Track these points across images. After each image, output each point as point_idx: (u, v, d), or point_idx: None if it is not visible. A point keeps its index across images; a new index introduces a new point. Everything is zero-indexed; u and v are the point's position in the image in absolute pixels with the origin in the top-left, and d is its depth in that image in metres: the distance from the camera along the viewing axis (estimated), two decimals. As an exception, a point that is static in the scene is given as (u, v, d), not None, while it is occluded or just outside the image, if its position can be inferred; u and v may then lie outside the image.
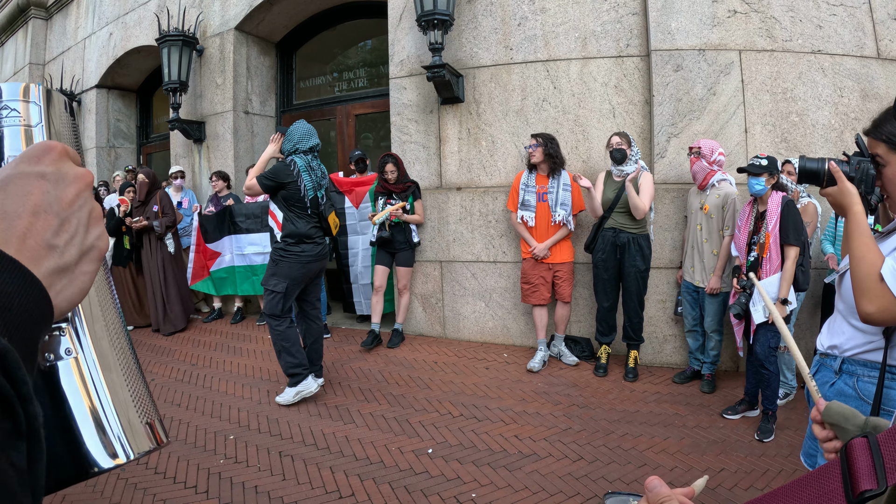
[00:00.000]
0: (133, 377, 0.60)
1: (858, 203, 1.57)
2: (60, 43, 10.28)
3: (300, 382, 4.30)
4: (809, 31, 4.88)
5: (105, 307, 0.60)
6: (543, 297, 4.94)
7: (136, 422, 0.58)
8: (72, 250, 0.47)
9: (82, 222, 0.48)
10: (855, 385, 1.62)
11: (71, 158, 0.50)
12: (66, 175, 0.48)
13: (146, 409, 0.60)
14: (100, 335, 0.57)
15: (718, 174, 4.33)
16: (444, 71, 5.26)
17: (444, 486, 3.16)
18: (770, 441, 3.60)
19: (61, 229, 0.46)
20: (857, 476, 0.57)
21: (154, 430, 0.60)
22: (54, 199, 0.46)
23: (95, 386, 0.55)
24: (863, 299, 1.47)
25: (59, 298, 0.45)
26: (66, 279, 0.46)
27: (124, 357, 0.60)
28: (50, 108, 0.59)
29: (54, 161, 0.48)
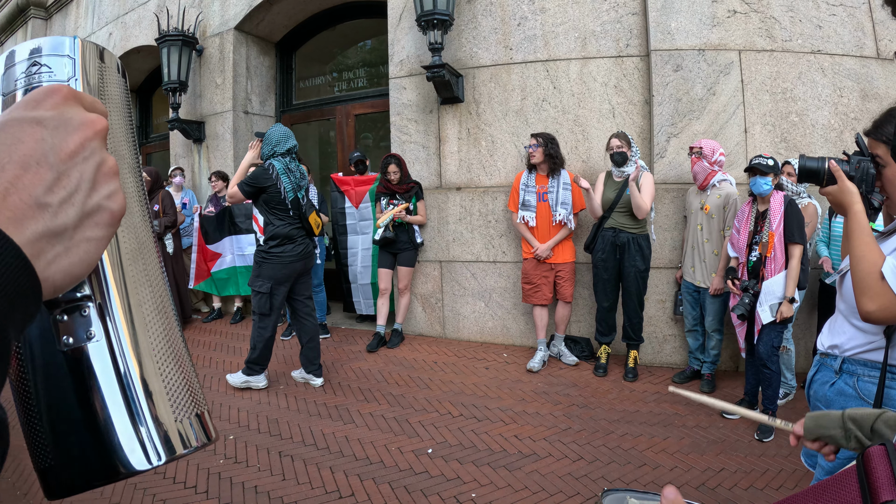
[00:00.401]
0: (176, 363, 0.53)
1: (859, 202, 1.57)
2: (60, 43, 10.26)
3: (252, 375, 4.64)
4: (809, 31, 4.88)
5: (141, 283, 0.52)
6: (545, 297, 4.94)
7: (174, 418, 0.51)
8: (69, 210, 0.39)
9: (86, 177, 0.40)
10: (855, 385, 1.62)
11: (82, 103, 0.43)
12: (68, 121, 0.40)
13: (188, 401, 0.53)
14: (136, 314, 0.50)
15: (719, 174, 4.33)
16: (444, 71, 5.26)
17: (443, 485, 3.16)
18: (770, 441, 3.61)
19: (56, 185, 0.38)
20: (877, 486, 0.55)
21: (204, 421, 0.54)
22: (50, 149, 0.39)
23: (124, 377, 0.48)
24: (863, 298, 1.47)
25: (51, 269, 0.38)
26: (60, 246, 0.38)
27: (167, 340, 0.53)
28: (90, 63, 0.52)
29: (56, 105, 0.41)
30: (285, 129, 4.51)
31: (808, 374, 1.84)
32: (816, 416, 1.15)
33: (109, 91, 0.54)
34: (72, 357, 0.47)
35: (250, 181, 4.32)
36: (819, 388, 1.75)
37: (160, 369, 0.51)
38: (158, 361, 0.51)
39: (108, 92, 0.54)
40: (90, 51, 0.52)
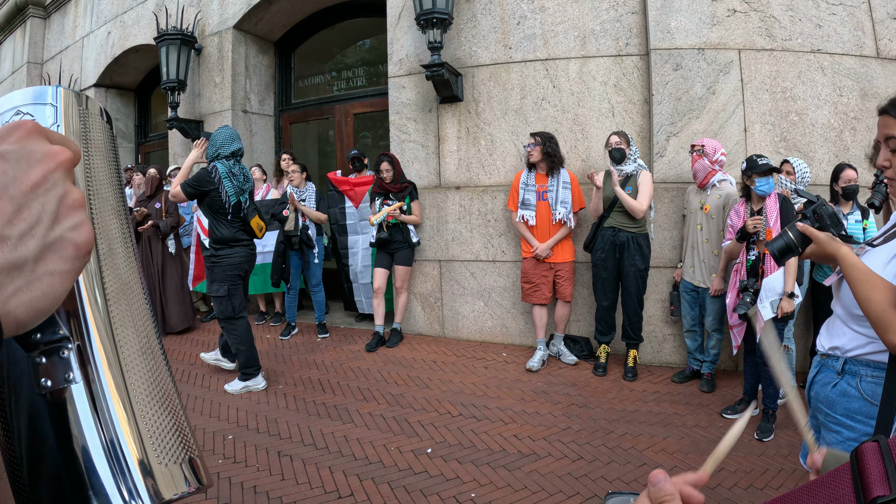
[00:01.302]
0: (163, 405, 0.52)
1: (840, 244, 1.58)
2: (58, 42, 10.26)
3: (249, 379, 4.64)
4: (809, 31, 4.88)
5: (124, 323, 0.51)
6: (545, 296, 4.93)
7: (158, 462, 0.49)
8: (29, 243, 0.38)
9: (48, 209, 0.39)
10: (858, 385, 1.61)
11: (46, 137, 0.42)
12: (31, 153, 0.40)
13: (178, 444, 0.51)
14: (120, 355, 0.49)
15: (719, 174, 4.32)
16: (443, 70, 5.25)
17: (443, 485, 3.15)
18: (769, 440, 3.60)
19: (16, 217, 0.38)
20: (869, 481, 0.56)
21: (195, 467, 0.52)
22: (11, 181, 0.38)
23: (106, 419, 0.47)
24: (887, 335, 1.44)
25: (11, 303, 0.37)
26: (21, 280, 0.37)
27: (154, 380, 0.52)
28: (71, 109, 0.53)
29: (20, 139, 0.40)
30: (231, 132, 4.56)
31: (809, 375, 1.83)
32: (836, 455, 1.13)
33: (93, 136, 0.55)
34: (51, 400, 0.46)
35: (193, 183, 4.34)
36: (821, 390, 1.74)
37: (144, 413, 0.49)
38: (143, 405, 0.50)
39: (92, 137, 0.54)
40: (72, 98, 0.54)
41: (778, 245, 1.71)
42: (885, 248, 1.56)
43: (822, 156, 4.86)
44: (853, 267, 1.54)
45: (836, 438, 1.67)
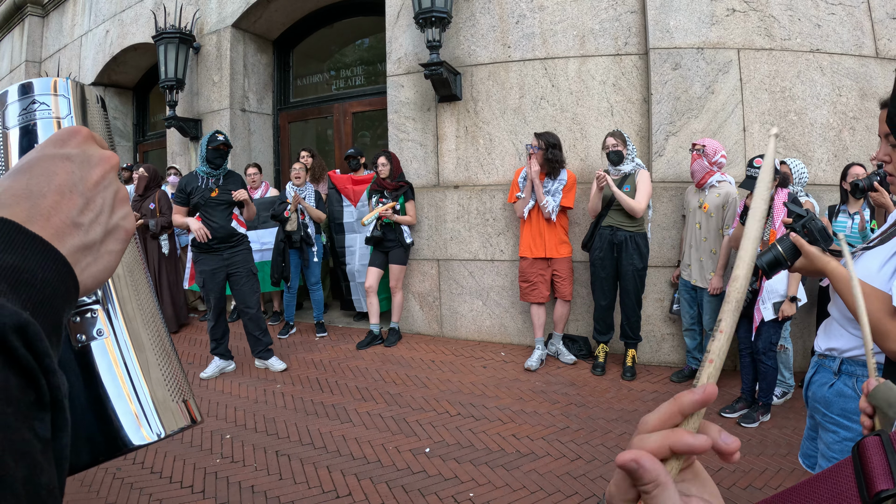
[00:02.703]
0: (166, 356, 0.62)
1: (829, 258, 1.58)
2: (57, 40, 10.24)
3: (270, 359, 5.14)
4: (808, 30, 4.87)
5: (138, 288, 0.62)
6: (542, 294, 4.92)
7: (168, 400, 0.59)
8: (97, 229, 0.48)
9: (107, 202, 0.50)
10: (854, 386, 1.61)
11: (96, 142, 0.51)
12: (91, 157, 0.49)
13: (180, 387, 0.62)
14: (132, 316, 0.59)
15: (717, 175, 4.31)
16: (442, 69, 5.24)
17: (441, 485, 3.15)
18: (752, 428, 3.70)
19: (86, 208, 0.47)
20: (872, 476, 0.56)
21: (188, 407, 0.62)
22: (79, 180, 0.48)
23: (128, 365, 0.57)
24: (885, 342, 1.44)
25: (84, 275, 0.46)
26: (90, 257, 0.47)
27: (157, 337, 0.62)
28: (79, 101, 0.62)
29: (80, 144, 0.49)
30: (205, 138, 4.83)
31: (807, 375, 1.83)
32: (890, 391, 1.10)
33: (94, 123, 0.63)
34: (80, 352, 0.55)
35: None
36: (818, 390, 1.74)
37: (157, 360, 0.60)
38: (155, 354, 0.60)
39: (93, 124, 0.63)
40: (78, 90, 0.62)
41: (767, 259, 1.72)
42: (879, 251, 1.55)
43: (821, 155, 4.86)
44: (843, 281, 1.55)
45: (833, 438, 1.67)
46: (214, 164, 4.73)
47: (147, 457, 3.53)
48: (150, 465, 3.43)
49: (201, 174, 4.75)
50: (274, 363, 5.11)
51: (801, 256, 1.65)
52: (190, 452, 3.60)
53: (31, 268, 0.40)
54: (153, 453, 3.57)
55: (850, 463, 0.59)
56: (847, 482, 0.58)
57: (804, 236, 1.64)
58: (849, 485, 0.57)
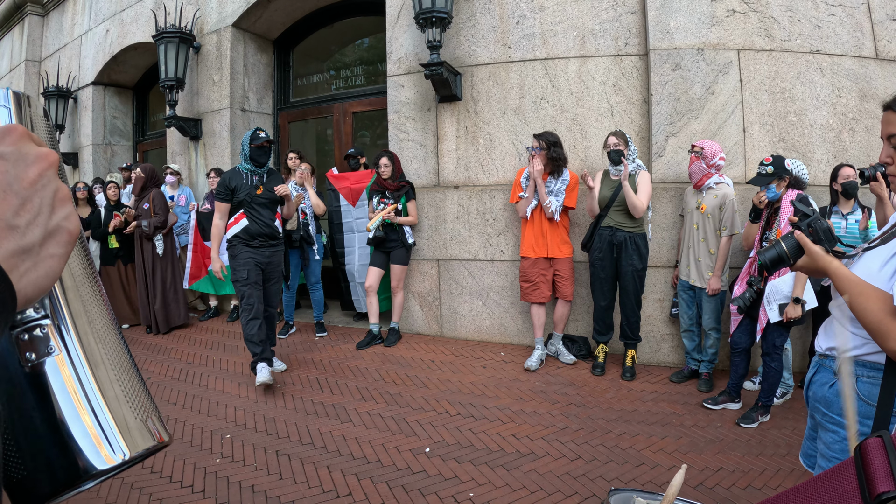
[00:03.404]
0: (125, 373, 0.58)
1: (832, 258, 1.58)
2: (57, 39, 10.24)
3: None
4: (808, 31, 4.88)
5: (89, 301, 0.58)
6: (544, 294, 4.93)
7: (131, 419, 0.56)
8: (35, 231, 0.45)
9: (46, 202, 0.46)
10: (855, 386, 1.61)
11: (33, 141, 0.48)
12: (26, 155, 0.46)
13: (142, 405, 0.58)
14: (85, 331, 0.55)
15: (715, 177, 4.32)
16: (442, 69, 5.24)
17: (441, 485, 3.15)
18: (751, 428, 3.71)
19: (22, 209, 0.44)
20: (874, 478, 0.56)
21: (153, 426, 0.58)
22: (14, 179, 0.44)
23: (83, 384, 0.53)
24: (887, 342, 1.44)
25: (22, 282, 0.43)
26: (29, 262, 0.44)
27: (115, 353, 0.58)
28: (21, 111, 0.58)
29: (14, 141, 0.46)
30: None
31: (807, 375, 1.83)
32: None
33: (38, 133, 0.59)
34: (31, 373, 0.51)
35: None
36: (818, 390, 1.74)
37: (116, 377, 0.56)
38: (113, 371, 0.56)
39: (38, 134, 0.58)
40: (20, 100, 0.58)
41: (770, 255, 1.72)
42: (880, 251, 1.56)
43: (821, 156, 4.86)
44: (845, 280, 1.55)
45: (833, 438, 1.68)
46: (258, 161, 4.64)
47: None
48: (150, 465, 3.43)
49: (244, 171, 4.64)
50: (276, 365, 5.00)
51: (804, 255, 1.65)
52: (190, 452, 3.60)
53: None
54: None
55: (851, 464, 0.59)
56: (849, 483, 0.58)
57: (809, 235, 1.64)
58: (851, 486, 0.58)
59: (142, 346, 6.02)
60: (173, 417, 4.15)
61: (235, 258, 4.64)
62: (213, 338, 6.24)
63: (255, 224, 4.61)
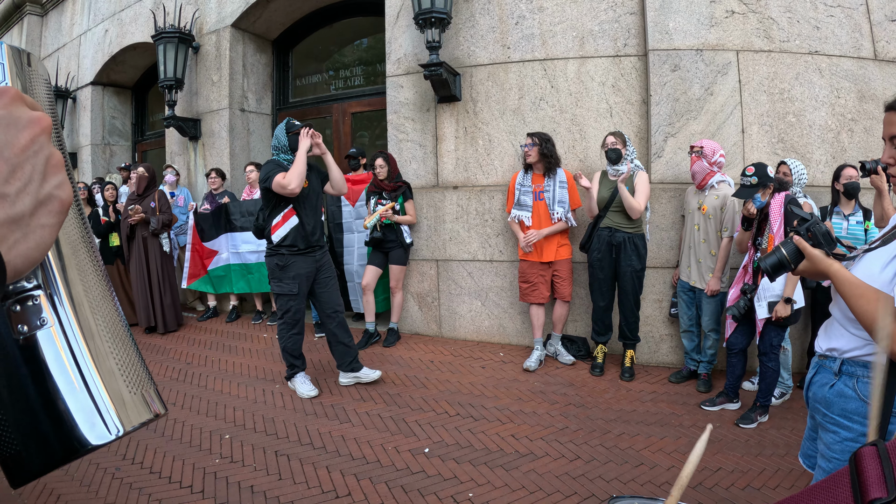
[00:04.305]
0: (121, 345, 0.57)
1: (832, 261, 1.59)
2: (56, 39, 10.23)
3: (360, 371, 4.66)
4: (807, 32, 4.89)
5: (85, 270, 0.56)
6: (543, 295, 4.93)
7: (126, 392, 0.54)
8: (25, 199, 0.42)
9: (38, 169, 0.44)
10: (855, 386, 1.62)
11: (27, 104, 0.46)
12: (18, 119, 0.44)
13: (138, 378, 0.57)
14: (79, 301, 0.53)
15: (717, 175, 4.33)
16: (442, 69, 5.25)
17: (440, 485, 3.15)
18: (750, 429, 3.72)
19: (12, 176, 0.42)
20: (867, 484, 0.57)
21: (148, 400, 0.57)
22: (4, 144, 0.42)
23: (77, 357, 0.52)
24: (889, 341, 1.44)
25: (12, 253, 0.41)
26: (19, 232, 0.42)
27: (110, 324, 0.56)
28: (20, 67, 0.55)
29: (6, 105, 0.44)
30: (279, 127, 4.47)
31: (807, 376, 1.84)
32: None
33: (37, 92, 0.56)
34: (24, 345, 0.50)
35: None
36: (818, 390, 1.75)
37: (111, 350, 0.55)
38: (108, 342, 0.55)
39: (36, 93, 0.56)
40: (17, 56, 0.55)
41: (771, 261, 1.73)
42: (881, 253, 1.56)
43: (820, 157, 4.87)
44: (847, 283, 1.55)
45: (833, 439, 1.68)
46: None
47: (146, 456, 3.53)
48: (149, 465, 3.43)
49: (286, 162, 4.25)
50: (367, 373, 4.61)
51: (804, 259, 1.66)
52: (189, 452, 3.60)
53: None
54: (151, 453, 3.57)
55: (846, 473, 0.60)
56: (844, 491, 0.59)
57: (808, 240, 1.65)
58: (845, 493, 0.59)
59: (140, 347, 5.99)
60: (172, 417, 4.14)
61: (285, 269, 4.27)
62: (211, 338, 6.24)
63: (305, 223, 4.27)
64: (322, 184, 4.51)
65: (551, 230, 4.84)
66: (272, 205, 4.27)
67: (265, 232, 4.37)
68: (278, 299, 4.38)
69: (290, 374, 4.54)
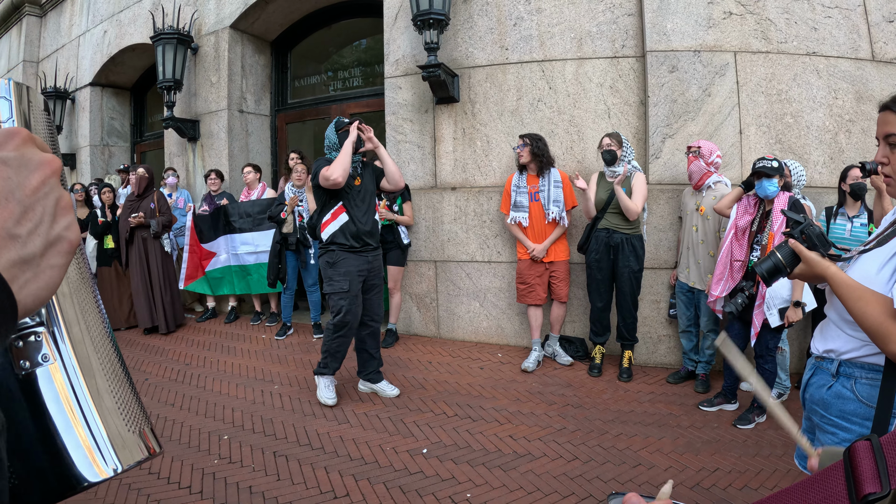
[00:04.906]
0: (119, 383, 0.58)
1: (829, 264, 1.59)
2: (55, 40, 10.23)
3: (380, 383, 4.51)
4: (804, 33, 4.90)
5: (85, 309, 0.57)
6: (540, 296, 4.94)
7: (123, 430, 0.55)
8: (36, 241, 0.43)
9: (48, 211, 0.45)
10: (853, 387, 1.62)
11: (37, 145, 0.47)
12: (29, 161, 0.44)
13: (135, 416, 0.58)
14: (80, 339, 0.54)
15: (714, 176, 4.34)
16: (440, 70, 5.25)
17: (438, 486, 3.15)
18: (747, 429, 3.74)
19: (24, 218, 0.43)
20: (861, 479, 0.57)
21: (145, 438, 0.58)
22: (16, 186, 0.43)
23: (77, 394, 0.52)
24: (888, 344, 1.44)
25: (22, 293, 0.42)
26: (30, 272, 0.43)
27: (109, 362, 0.57)
28: (22, 104, 0.57)
29: (18, 146, 0.45)
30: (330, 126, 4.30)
31: (804, 377, 1.84)
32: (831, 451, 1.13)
33: (38, 127, 0.58)
34: (25, 381, 0.51)
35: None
36: (815, 392, 1.75)
37: (109, 387, 0.56)
38: (107, 381, 0.56)
39: (37, 128, 0.58)
40: (21, 92, 0.57)
41: (766, 266, 1.72)
42: (877, 254, 1.56)
43: (817, 158, 4.88)
44: (843, 285, 1.55)
45: (831, 440, 1.68)
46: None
47: (145, 457, 3.53)
48: (148, 466, 3.43)
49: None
50: (384, 389, 4.46)
51: (800, 262, 1.66)
52: (188, 453, 3.61)
53: None
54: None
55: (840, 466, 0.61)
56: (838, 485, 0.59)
57: (803, 242, 1.65)
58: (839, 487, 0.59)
59: (139, 348, 6.02)
60: (171, 419, 4.15)
61: (335, 266, 4.09)
62: (210, 339, 6.24)
63: (356, 220, 4.09)
64: (377, 181, 4.34)
65: (552, 239, 4.86)
66: (322, 202, 4.16)
67: (316, 230, 4.24)
68: (330, 299, 4.18)
69: (320, 372, 4.34)
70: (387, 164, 4.23)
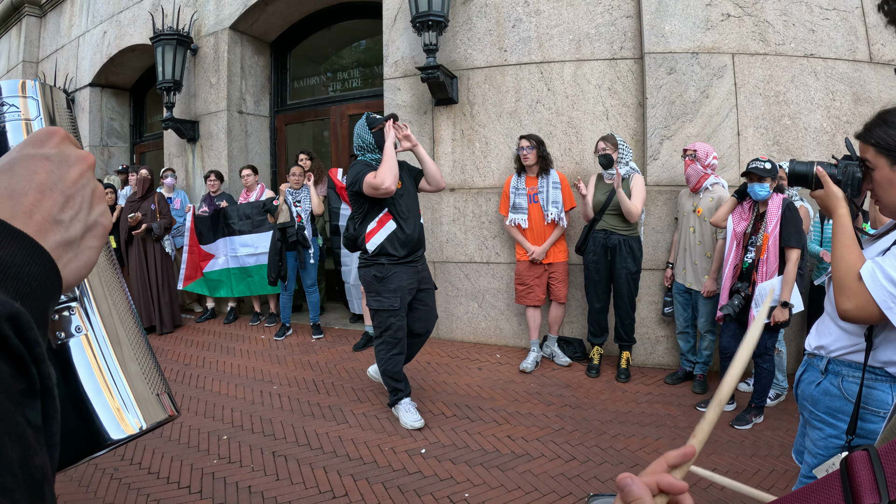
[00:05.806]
0: (142, 352, 0.64)
1: (844, 206, 1.61)
2: (54, 41, 10.23)
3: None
4: (802, 35, 4.91)
5: (111, 286, 0.63)
6: (538, 297, 4.95)
7: (147, 394, 0.61)
8: (77, 225, 0.50)
9: (86, 199, 0.51)
10: (840, 385, 1.65)
11: (72, 143, 0.53)
12: (68, 156, 0.51)
13: (156, 382, 0.64)
14: (107, 312, 0.61)
15: (711, 178, 4.35)
16: (439, 72, 5.27)
17: (437, 485, 3.17)
18: (745, 429, 3.74)
19: (66, 206, 0.49)
20: (859, 490, 0.57)
21: (164, 402, 0.64)
22: (59, 178, 0.49)
23: (106, 361, 0.59)
24: (841, 297, 1.52)
25: (66, 271, 0.48)
26: (72, 253, 0.49)
27: (132, 333, 0.64)
28: (47, 102, 0.63)
29: (57, 144, 0.51)
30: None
31: (797, 373, 1.86)
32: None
33: (62, 123, 0.64)
34: (58, 350, 0.57)
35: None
36: (806, 388, 1.78)
37: (134, 355, 0.62)
38: (131, 349, 0.62)
39: (62, 124, 0.64)
40: (47, 92, 0.63)
41: (800, 169, 1.74)
42: (880, 243, 1.60)
43: (815, 159, 4.88)
44: (842, 227, 1.61)
45: (818, 435, 1.71)
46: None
47: (144, 457, 3.55)
48: (148, 466, 3.44)
49: (374, 162, 3.73)
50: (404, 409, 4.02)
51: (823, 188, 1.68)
52: (187, 453, 3.62)
53: (19, 262, 0.42)
54: (150, 454, 3.59)
55: (837, 477, 0.60)
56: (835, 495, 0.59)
57: (840, 175, 1.66)
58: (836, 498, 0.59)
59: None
60: (170, 419, 4.15)
61: (384, 281, 3.74)
62: (209, 339, 6.25)
63: (405, 227, 3.76)
64: (416, 182, 3.99)
65: (552, 240, 4.87)
66: (364, 210, 3.78)
67: (359, 241, 3.83)
68: (376, 316, 3.83)
69: (394, 401, 4.00)
70: (427, 164, 3.90)
